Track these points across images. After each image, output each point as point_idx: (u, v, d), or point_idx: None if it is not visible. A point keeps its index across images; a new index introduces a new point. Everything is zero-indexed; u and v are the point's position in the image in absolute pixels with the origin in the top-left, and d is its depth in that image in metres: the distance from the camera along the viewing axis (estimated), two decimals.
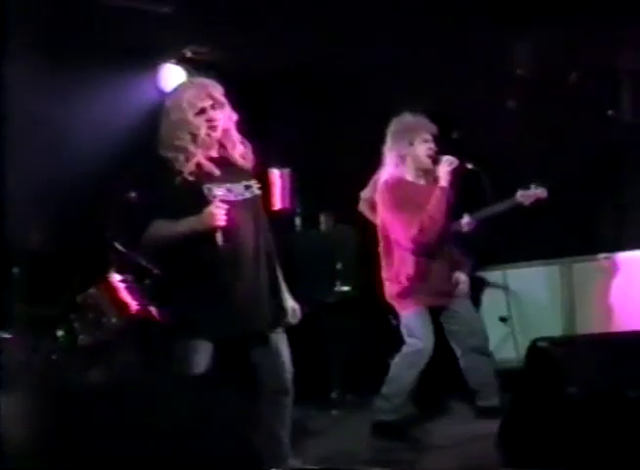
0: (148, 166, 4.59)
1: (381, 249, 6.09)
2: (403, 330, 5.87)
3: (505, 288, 7.12)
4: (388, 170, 6.01)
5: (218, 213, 4.27)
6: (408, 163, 5.95)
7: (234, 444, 3.60)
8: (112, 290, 6.04)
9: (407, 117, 6.05)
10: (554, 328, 7.10)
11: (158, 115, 4.57)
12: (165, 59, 7.44)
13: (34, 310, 5.59)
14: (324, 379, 6.93)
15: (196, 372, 4.37)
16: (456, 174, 5.82)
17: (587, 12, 6.79)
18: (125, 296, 6.03)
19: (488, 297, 7.06)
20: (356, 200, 7.20)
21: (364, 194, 7.18)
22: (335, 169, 7.76)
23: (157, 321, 5.80)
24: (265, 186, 4.67)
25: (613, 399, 3.80)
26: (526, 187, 6.60)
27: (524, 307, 7.11)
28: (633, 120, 7.36)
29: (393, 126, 6.07)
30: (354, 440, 5.75)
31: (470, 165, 5.82)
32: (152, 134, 4.55)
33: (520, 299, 7.17)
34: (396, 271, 5.93)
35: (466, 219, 6.17)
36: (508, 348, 6.93)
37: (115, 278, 6.07)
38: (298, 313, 4.69)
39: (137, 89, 7.28)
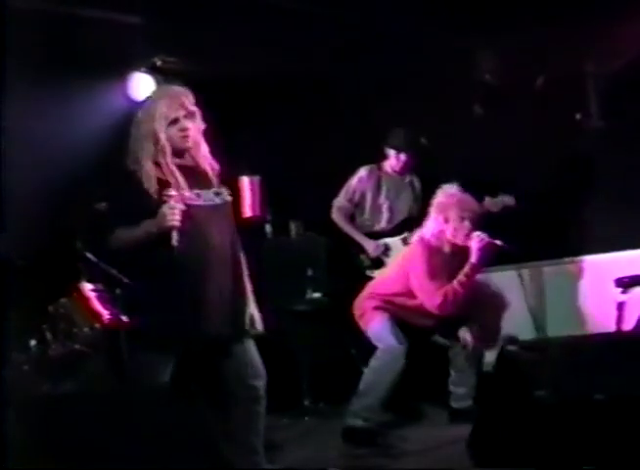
0: (116, 178, 4.57)
1: (390, 274, 6.20)
2: (376, 340, 5.92)
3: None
4: (429, 232, 6.16)
5: (170, 213, 4.23)
6: (444, 237, 6.08)
7: (206, 454, 3.61)
8: (83, 299, 6.02)
9: (448, 192, 6.16)
10: (525, 331, 7.15)
11: (128, 124, 4.57)
12: (135, 68, 7.42)
13: (5, 321, 5.56)
14: (296, 386, 6.93)
15: (163, 382, 4.36)
16: (486, 251, 5.91)
17: (554, 17, 6.84)
18: (97, 305, 6.01)
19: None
20: (327, 207, 7.24)
21: (337, 202, 7.22)
22: (305, 177, 7.78)
23: (128, 331, 5.82)
24: (235, 193, 4.65)
25: (580, 403, 3.83)
26: (494, 195, 6.66)
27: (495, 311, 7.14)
28: (601, 125, 7.41)
29: (438, 197, 6.18)
30: (327, 447, 5.75)
31: (499, 242, 5.90)
32: (122, 143, 4.55)
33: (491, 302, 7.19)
34: (388, 295, 6.09)
35: None
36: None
37: (87, 288, 6.06)
38: (259, 323, 4.67)
39: (107, 98, 7.26)
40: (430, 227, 6.15)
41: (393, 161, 7.13)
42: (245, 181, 4.56)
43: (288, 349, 7.07)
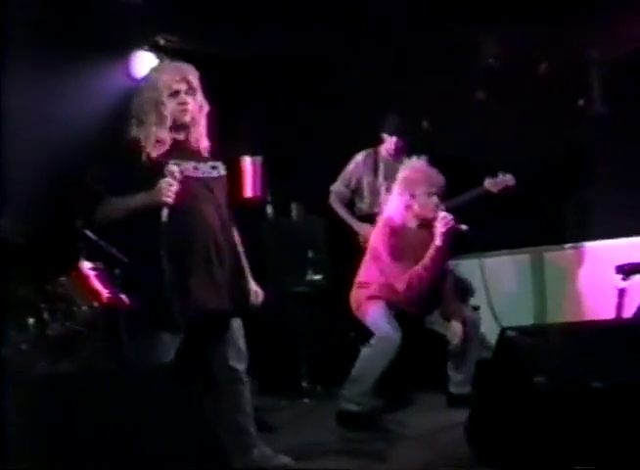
0: (116, 145, 4.56)
1: (365, 260, 6.15)
2: (372, 327, 5.90)
3: (483, 276, 7.10)
4: (393, 210, 6.11)
5: (166, 189, 4.23)
6: (411, 212, 6.02)
7: (194, 434, 3.61)
8: (82, 278, 6.01)
9: (415, 167, 6.13)
10: (525, 317, 7.15)
11: (130, 99, 4.57)
12: (138, 46, 7.40)
13: (3, 299, 5.55)
14: (294, 368, 6.93)
15: (158, 362, 4.36)
16: (450, 234, 5.86)
17: (558, 2, 6.81)
18: (96, 284, 6.00)
19: (465, 284, 7.08)
20: (328, 190, 7.23)
21: (335, 187, 7.23)
22: (307, 159, 7.76)
23: (129, 310, 5.81)
24: (237, 173, 4.66)
25: (579, 390, 3.83)
26: (494, 175, 6.65)
27: (495, 297, 7.11)
28: (603, 111, 7.39)
29: (402, 172, 6.15)
30: (324, 430, 5.74)
31: (464, 227, 5.85)
32: (123, 122, 4.54)
33: (491, 288, 7.17)
34: (374, 282, 6.06)
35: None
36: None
37: (86, 266, 6.04)
38: (261, 297, 4.69)
39: (109, 77, 7.24)
40: (394, 204, 6.11)
41: (388, 144, 7.15)
42: (246, 161, 4.53)
43: (287, 330, 7.07)
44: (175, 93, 4.43)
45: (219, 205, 4.52)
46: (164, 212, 4.22)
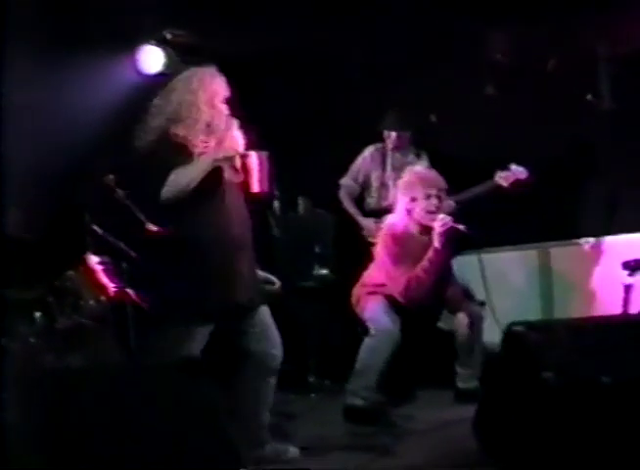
0: (159, 145, 4.58)
1: (372, 264, 6.17)
2: (370, 322, 5.89)
3: (482, 272, 7.09)
4: (396, 216, 6.12)
5: (239, 137, 4.53)
6: (413, 216, 6.02)
7: (204, 428, 3.61)
8: (90, 272, 6.02)
9: (414, 170, 6.21)
10: (532, 313, 7.14)
11: (138, 97, 4.60)
12: (145, 41, 7.40)
13: (11, 294, 5.57)
14: (302, 363, 6.93)
15: (190, 356, 4.46)
16: (449, 234, 5.84)
17: None
18: (103, 278, 6.02)
19: (466, 281, 7.06)
20: (335, 185, 7.24)
21: (344, 181, 7.24)
22: (314, 153, 7.76)
23: (135, 304, 5.82)
24: (243, 169, 4.72)
25: (587, 385, 3.83)
26: (505, 168, 6.64)
27: (502, 292, 7.11)
28: (612, 106, 7.37)
29: (404, 176, 6.17)
30: (331, 424, 5.75)
31: (462, 227, 5.84)
32: (132, 116, 4.56)
33: (498, 283, 7.17)
34: (376, 284, 6.07)
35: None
36: (486, 332, 6.94)
37: (93, 260, 6.06)
38: (279, 283, 4.91)
39: (116, 71, 7.25)
40: (397, 209, 6.13)
41: (389, 140, 7.15)
42: (253, 156, 4.55)
43: (293, 325, 7.06)
44: (223, 100, 4.63)
45: (243, 199, 4.70)
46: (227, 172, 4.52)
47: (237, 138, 4.62)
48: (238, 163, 4.54)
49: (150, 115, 4.60)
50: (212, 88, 4.61)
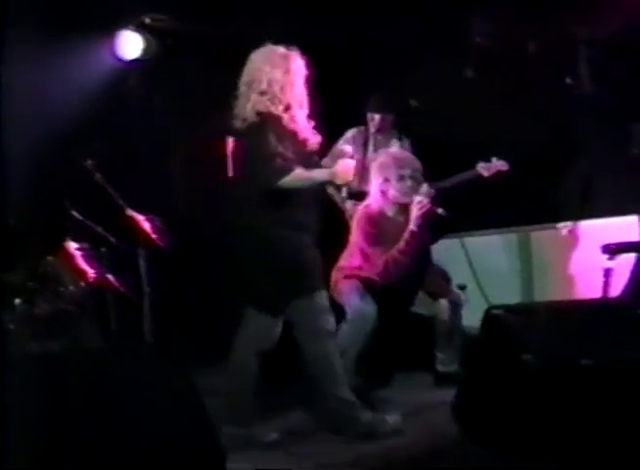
0: (267, 121, 4.78)
1: (347, 246, 6.16)
2: (345, 305, 5.88)
3: (467, 256, 7.08)
4: (372, 198, 6.11)
5: (348, 170, 4.79)
6: (387, 197, 6.01)
7: (185, 411, 3.61)
8: (69, 258, 6.02)
9: (388, 152, 6.28)
10: (512, 296, 7.16)
11: (116, 82, 4.58)
12: (124, 26, 7.36)
13: None
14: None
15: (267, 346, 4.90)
16: (427, 217, 5.85)
17: None
18: (82, 263, 6.01)
19: (447, 265, 7.06)
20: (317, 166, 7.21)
21: (324, 163, 7.20)
22: None
23: (115, 289, 5.82)
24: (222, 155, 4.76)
25: (566, 368, 3.85)
26: (487, 159, 6.64)
27: (483, 275, 7.12)
28: (591, 90, 7.38)
29: (379, 158, 6.21)
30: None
31: (440, 210, 5.85)
32: (110, 101, 4.54)
33: (478, 267, 7.17)
34: (353, 267, 6.05)
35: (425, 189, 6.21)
36: (467, 315, 6.96)
37: (72, 246, 6.05)
38: None
39: (95, 56, 7.21)
40: (372, 191, 6.12)
41: (372, 122, 7.15)
42: (229, 143, 4.56)
43: None
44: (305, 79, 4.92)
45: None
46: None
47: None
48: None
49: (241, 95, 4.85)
50: (299, 68, 4.92)
